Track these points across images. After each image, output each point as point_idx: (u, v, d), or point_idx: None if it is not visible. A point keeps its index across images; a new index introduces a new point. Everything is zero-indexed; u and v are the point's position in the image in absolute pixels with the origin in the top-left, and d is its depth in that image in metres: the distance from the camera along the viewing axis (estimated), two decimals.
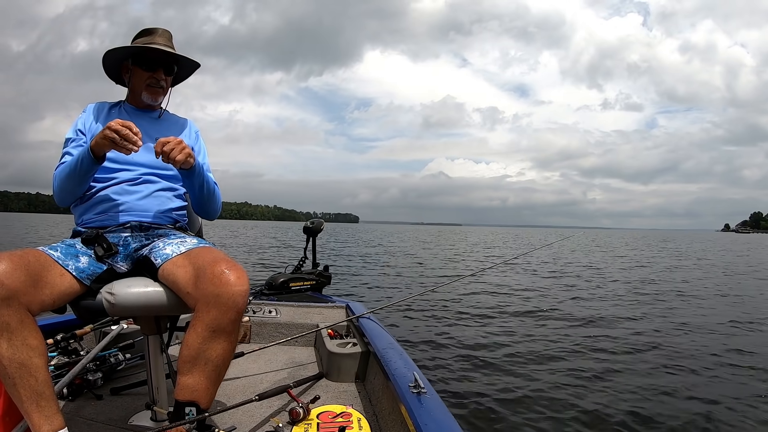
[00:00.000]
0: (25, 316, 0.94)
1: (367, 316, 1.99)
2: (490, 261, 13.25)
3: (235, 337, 1.05)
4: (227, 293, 0.99)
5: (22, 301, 0.94)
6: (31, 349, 0.94)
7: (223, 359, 1.03)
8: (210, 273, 1.02)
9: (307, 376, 1.66)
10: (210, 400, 1.04)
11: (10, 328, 0.92)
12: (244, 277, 1.04)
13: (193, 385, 1.01)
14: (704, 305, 6.13)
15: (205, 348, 1.00)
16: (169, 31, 1.36)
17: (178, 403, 1.02)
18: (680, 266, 12.59)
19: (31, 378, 0.93)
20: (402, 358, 1.45)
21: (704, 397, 2.70)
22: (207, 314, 1.01)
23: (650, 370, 3.19)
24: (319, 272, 3.12)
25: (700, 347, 3.84)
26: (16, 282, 0.92)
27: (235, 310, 1.01)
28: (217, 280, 1.01)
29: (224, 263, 1.04)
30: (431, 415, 1.03)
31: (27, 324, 0.95)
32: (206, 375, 1.01)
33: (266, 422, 1.32)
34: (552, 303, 6.01)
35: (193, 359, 1.01)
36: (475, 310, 5.39)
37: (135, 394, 1.48)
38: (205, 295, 1.01)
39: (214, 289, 1.00)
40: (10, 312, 0.92)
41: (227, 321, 1.00)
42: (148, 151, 1.25)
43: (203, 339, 1.00)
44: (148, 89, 1.33)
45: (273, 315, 2.26)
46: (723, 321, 4.98)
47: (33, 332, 0.95)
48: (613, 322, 4.87)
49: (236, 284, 1.01)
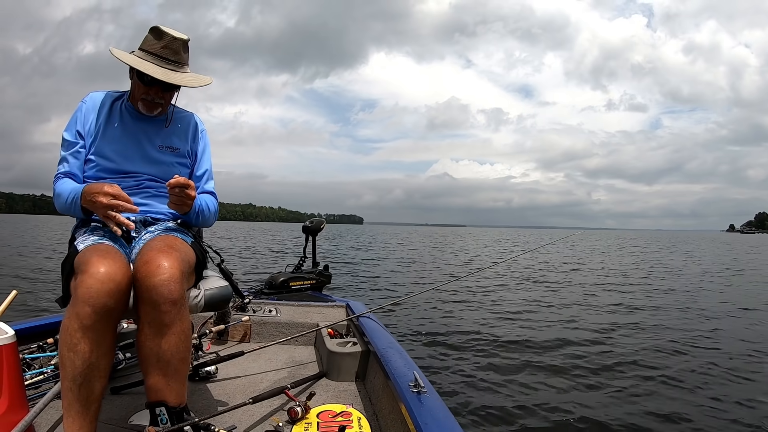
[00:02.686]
0: (117, 319, 0.95)
1: (367, 316, 1.99)
2: (492, 261, 13.22)
3: (179, 327, 0.98)
4: (151, 284, 0.94)
5: (122, 304, 0.95)
6: (110, 359, 0.95)
7: (173, 353, 0.97)
8: (138, 263, 0.98)
9: (307, 376, 1.65)
10: (177, 396, 1.00)
11: (103, 330, 0.91)
12: (172, 263, 0.97)
13: (155, 385, 0.98)
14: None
15: (151, 346, 0.96)
16: (181, 38, 1.21)
17: (147, 405, 1.00)
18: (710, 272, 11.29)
19: (99, 383, 0.94)
20: (402, 357, 1.44)
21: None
22: (142, 310, 0.97)
23: (656, 375, 3.17)
24: (319, 271, 3.11)
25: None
26: (125, 285, 0.94)
27: (165, 300, 0.94)
28: (143, 270, 0.96)
29: (155, 251, 1.00)
30: (431, 414, 1.03)
31: (115, 326, 0.96)
32: (162, 373, 0.97)
33: (266, 421, 1.31)
34: (553, 303, 5.99)
35: (146, 359, 0.98)
36: (475, 309, 5.38)
37: (135, 394, 1.48)
38: (136, 288, 0.97)
39: (139, 281, 0.96)
40: (110, 315, 0.92)
41: (161, 313, 0.95)
42: (150, 161, 1.25)
43: (146, 337, 0.97)
44: (143, 103, 1.25)
45: (273, 314, 2.26)
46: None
47: (115, 335, 0.96)
48: (615, 322, 4.84)
49: (158, 272, 0.95)
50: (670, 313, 5.46)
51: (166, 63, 1.20)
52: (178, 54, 1.22)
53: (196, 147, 1.37)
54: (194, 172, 1.37)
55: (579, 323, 4.72)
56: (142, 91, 1.23)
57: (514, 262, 11.39)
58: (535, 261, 12.60)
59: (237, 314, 2.18)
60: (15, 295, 1.38)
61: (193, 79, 1.25)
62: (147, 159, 1.26)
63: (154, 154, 1.27)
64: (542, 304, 5.83)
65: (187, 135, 1.36)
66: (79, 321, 0.90)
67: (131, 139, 1.26)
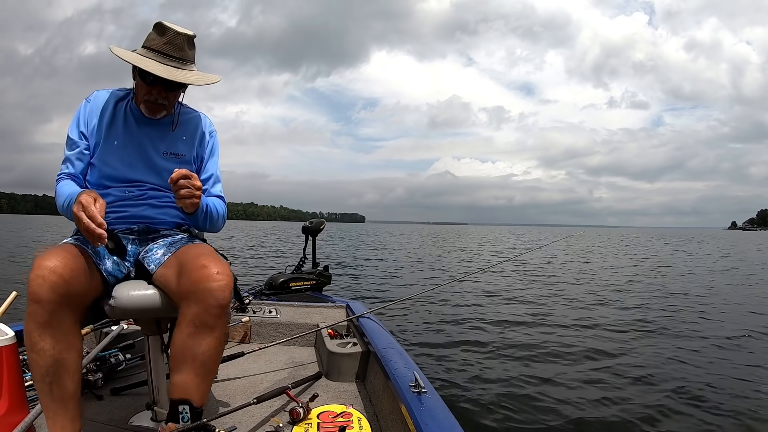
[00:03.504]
0: (74, 314, 0.94)
1: (368, 316, 1.99)
2: (492, 260, 13.21)
3: (220, 332, 1.02)
4: (207, 288, 0.97)
5: (73, 298, 0.93)
6: (77, 352, 0.94)
7: (210, 355, 1.00)
8: (191, 268, 1.00)
9: (307, 376, 1.65)
10: (202, 397, 1.02)
11: (59, 325, 0.91)
12: (226, 271, 1.01)
13: (184, 383, 0.99)
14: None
15: (191, 344, 0.99)
16: (186, 33, 1.14)
17: (171, 402, 1.01)
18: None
19: (70, 380, 0.93)
20: (402, 357, 1.44)
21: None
22: (189, 310, 0.99)
23: (659, 376, 3.16)
24: (319, 272, 3.11)
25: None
26: (71, 278, 0.92)
27: (216, 304, 0.98)
28: (198, 274, 0.99)
29: (206, 257, 1.02)
30: (432, 415, 1.03)
31: (76, 322, 0.94)
32: (195, 372, 0.99)
33: (266, 422, 1.32)
34: (555, 303, 5.98)
35: (181, 357, 0.99)
36: (476, 309, 5.37)
37: (135, 395, 1.48)
38: (186, 290, 0.99)
39: (193, 284, 0.98)
40: (63, 310, 0.91)
41: (210, 316, 0.98)
42: (154, 169, 1.21)
43: (187, 335, 0.99)
44: (146, 104, 1.19)
45: (273, 315, 2.26)
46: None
47: (77, 330, 0.95)
48: (616, 322, 4.83)
49: (216, 278, 0.98)
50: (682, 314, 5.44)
51: (169, 60, 1.13)
52: (183, 50, 1.14)
53: (203, 151, 1.32)
54: (200, 175, 1.30)
55: (581, 323, 4.71)
56: (144, 91, 1.17)
57: (516, 261, 11.36)
58: (538, 260, 12.58)
59: (237, 315, 2.18)
60: (15, 296, 1.39)
61: (199, 76, 1.17)
62: (151, 167, 1.22)
63: (159, 161, 1.22)
64: (544, 304, 5.82)
65: (194, 139, 1.30)
66: (33, 320, 0.90)
67: (135, 146, 1.21)
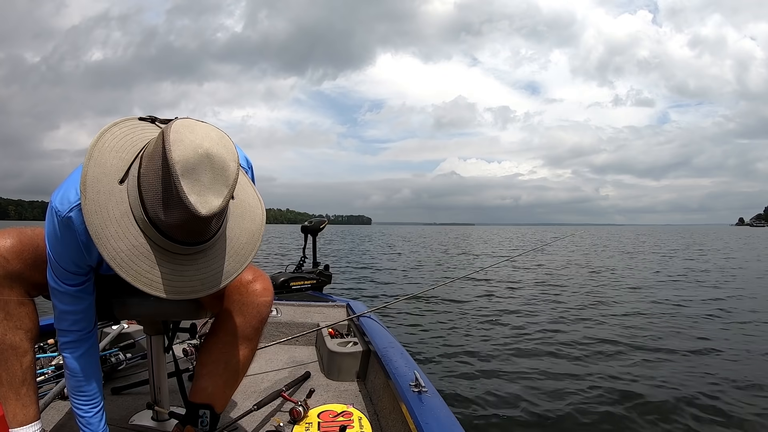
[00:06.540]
0: (25, 298, 0.93)
1: (368, 315, 1.98)
2: (493, 260, 13.16)
3: (255, 344, 1.07)
4: (254, 303, 1.02)
5: (24, 282, 0.92)
6: (24, 332, 0.92)
7: (243, 365, 1.05)
8: (237, 282, 1.02)
9: (303, 374, 1.65)
10: (224, 405, 1.05)
11: (8, 308, 0.90)
12: (270, 288, 1.06)
13: (211, 389, 1.02)
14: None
15: (226, 352, 1.02)
16: (218, 206, 0.67)
17: (192, 404, 1.02)
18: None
19: (17, 362, 0.91)
20: (403, 357, 1.43)
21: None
22: (230, 321, 1.02)
23: (668, 371, 3.12)
24: (319, 271, 3.10)
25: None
26: (20, 261, 0.90)
27: (258, 318, 1.03)
28: (244, 289, 1.03)
29: (251, 272, 1.06)
30: (432, 414, 1.02)
31: (26, 305, 0.93)
32: (224, 380, 1.03)
33: (267, 422, 1.31)
34: (557, 303, 5.94)
35: (213, 363, 1.02)
36: (476, 308, 5.36)
37: (136, 394, 1.47)
38: (230, 302, 1.03)
39: (240, 297, 1.02)
40: (10, 292, 0.90)
41: (250, 328, 1.03)
42: None
43: (225, 344, 1.02)
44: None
45: (273, 314, 2.25)
46: None
47: (30, 315, 0.94)
48: (616, 323, 4.78)
49: (262, 294, 1.03)
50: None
51: (181, 257, 0.74)
52: (206, 229, 0.71)
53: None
54: None
55: (583, 324, 4.65)
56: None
57: (518, 261, 11.32)
58: (540, 260, 12.52)
59: None
60: None
61: (234, 262, 0.79)
62: None
63: None
64: (545, 304, 5.78)
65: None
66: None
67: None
